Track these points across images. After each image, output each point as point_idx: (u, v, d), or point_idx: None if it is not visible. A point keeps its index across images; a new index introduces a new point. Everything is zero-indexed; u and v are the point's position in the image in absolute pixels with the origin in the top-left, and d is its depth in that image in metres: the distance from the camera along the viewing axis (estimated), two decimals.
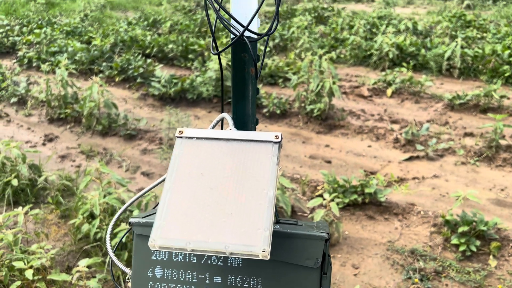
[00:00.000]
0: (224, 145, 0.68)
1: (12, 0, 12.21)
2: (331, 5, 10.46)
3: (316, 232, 0.68)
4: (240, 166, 0.66)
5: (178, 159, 0.68)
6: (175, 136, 0.70)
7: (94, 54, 6.06)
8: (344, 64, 6.43)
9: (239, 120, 0.77)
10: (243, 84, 0.76)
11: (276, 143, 0.67)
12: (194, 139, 0.69)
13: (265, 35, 0.73)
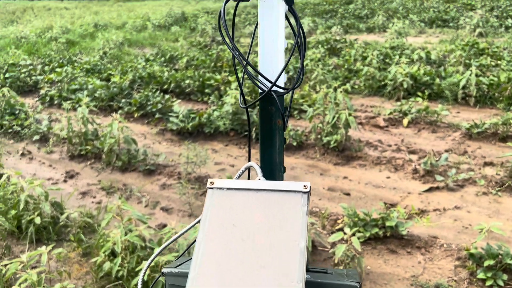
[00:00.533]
0: (254, 196, 0.70)
1: (35, 40, 12.73)
2: (344, 37, 10.62)
3: (348, 282, 0.69)
4: (271, 216, 0.68)
5: (210, 210, 0.70)
6: (207, 187, 0.73)
7: (113, 91, 6.23)
8: (359, 95, 6.48)
9: (266, 169, 0.80)
10: (270, 134, 0.79)
11: (305, 193, 0.69)
12: (225, 190, 0.72)
13: (291, 89, 0.76)
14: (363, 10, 16.02)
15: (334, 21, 14.37)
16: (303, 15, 16.67)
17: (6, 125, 5.45)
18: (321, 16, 16.27)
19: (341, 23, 13.66)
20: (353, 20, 14.23)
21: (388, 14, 14.65)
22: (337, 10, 16.92)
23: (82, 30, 14.75)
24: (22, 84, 7.38)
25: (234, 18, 0.85)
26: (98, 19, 18.16)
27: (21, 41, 12.81)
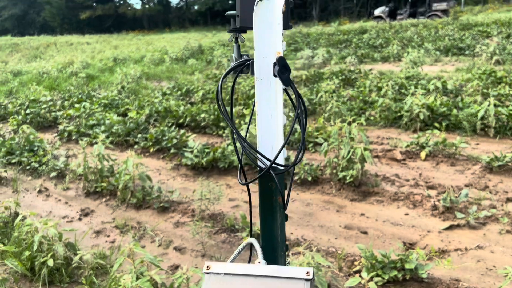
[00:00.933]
0: (254, 283, 0.66)
1: (56, 75, 13.11)
2: (358, 67, 10.65)
3: None
4: None
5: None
6: (203, 271, 0.69)
7: (130, 126, 6.31)
8: (375, 126, 6.42)
9: (267, 247, 0.76)
10: (271, 211, 0.76)
11: (308, 281, 0.65)
12: (222, 275, 0.68)
13: (291, 166, 0.74)
14: (377, 40, 16.12)
15: (349, 51, 14.46)
16: (317, 46, 16.86)
17: (24, 161, 5.54)
18: (336, 46, 16.41)
19: (355, 53, 13.74)
20: (368, 50, 14.31)
21: (402, 43, 14.70)
22: (352, 40, 17.06)
23: (101, 64, 15.17)
24: (42, 120, 7.55)
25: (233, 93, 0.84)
26: (118, 53, 18.68)
27: (43, 77, 13.21)
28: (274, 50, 0.78)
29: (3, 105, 8.79)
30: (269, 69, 0.78)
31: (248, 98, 8.00)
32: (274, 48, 0.78)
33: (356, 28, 21.29)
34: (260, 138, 0.75)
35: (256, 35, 0.80)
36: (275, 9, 0.78)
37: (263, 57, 0.77)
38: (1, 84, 12.75)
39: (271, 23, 0.78)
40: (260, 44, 0.79)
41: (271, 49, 0.78)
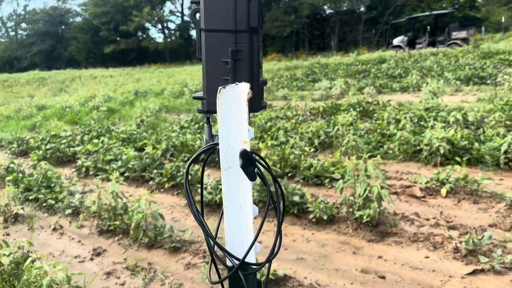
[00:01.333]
0: None
1: (78, 109, 13.43)
2: (376, 98, 10.56)
3: None
4: None
5: None
6: None
7: (145, 161, 6.33)
8: (393, 160, 6.27)
9: None
10: None
11: None
12: None
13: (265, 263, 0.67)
14: (396, 70, 16.05)
15: (367, 81, 14.42)
16: (335, 76, 16.88)
17: (41, 198, 5.58)
18: (354, 77, 16.39)
19: (374, 83, 13.67)
20: (386, 80, 14.23)
21: (422, 73, 14.58)
22: (370, 70, 17.03)
23: (123, 97, 15.50)
24: (61, 155, 7.66)
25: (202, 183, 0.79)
26: (139, 86, 19.08)
27: (66, 111, 13.55)
28: (240, 138, 0.73)
29: (26, 140, 8.99)
30: (236, 158, 0.73)
31: (264, 131, 7.97)
32: (240, 136, 0.73)
33: (375, 57, 21.30)
34: (228, 233, 0.69)
35: (220, 123, 0.75)
36: (240, 97, 0.73)
37: (229, 146, 0.72)
38: (26, 118, 13.12)
39: (236, 111, 0.73)
40: (225, 132, 0.74)
41: (237, 137, 0.73)
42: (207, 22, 0.81)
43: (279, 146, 6.94)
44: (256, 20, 0.80)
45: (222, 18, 0.80)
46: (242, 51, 0.80)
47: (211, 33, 0.81)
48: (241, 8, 0.79)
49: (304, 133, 7.35)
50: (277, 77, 18.84)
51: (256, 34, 0.80)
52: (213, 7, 0.80)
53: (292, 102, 10.68)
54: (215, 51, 0.82)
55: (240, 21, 0.79)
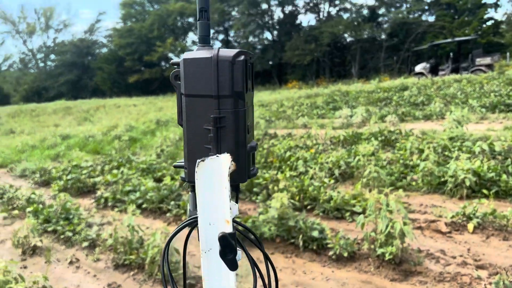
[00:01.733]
0: None
1: (100, 139, 13.65)
2: (399, 127, 10.37)
3: None
4: None
5: None
6: None
7: (163, 193, 6.30)
8: (417, 192, 6.06)
9: None
10: None
11: None
12: None
13: None
14: (419, 97, 15.83)
15: (389, 109, 14.24)
16: (356, 104, 16.76)
17: (59, 230, 5.58)
18: (375, 104, 16.24)
19: (396, 111, 13.49)
20: (409, 108, 14.03)
21: (445, 100, 14.33)
22: (392, 98, 16.85)
23: (144, 127, 15.71)
24: (81, 185, 7.72)
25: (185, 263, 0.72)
26: (161, 116, 19.35)
27: (89, 140, 13.78)
28: (222, 217, 0.66)
29: (48, 170, 9.12)
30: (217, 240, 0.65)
31: (283, 161, 7.87)
32: (221, 215, 0.66)
33: (397, 85, 21.11)
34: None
35: (199, 200, 0.68)
36: (221, 170, 0.67)
37: (210, 224, 0.65)
38: (50, 148, 13.39)
39: (217, 186, 0.66)
40: (204, 210, 0.67)
41: (219, 215, 0.65)
42: (187, 87, 0.76)
43: (298, 177, 6.82)
44: (240, 84, 0.74)
45: (203, 83, 0.75)
46: (226, 118, 0.74)
47: (191, 98, 0.76)
48: (223, 72, 0.74)
49: (324, 163, 7.22)
50: (297, 105, 18.84)
51: (241, 99, 0.75)
52: (194, 70, 0.75)
53: (312, 130, 10.59)
54: (196, 118, 0.76)
55: (222, 86, 0.74)
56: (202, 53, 0.76)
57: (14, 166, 11.00)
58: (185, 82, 0.76)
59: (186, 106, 0.77)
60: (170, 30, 48.70)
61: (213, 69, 0.74)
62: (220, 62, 0.74)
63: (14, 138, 17.53)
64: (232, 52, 0.75)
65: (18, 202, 7.03)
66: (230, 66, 0.74)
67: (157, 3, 49.98)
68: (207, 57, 0.75)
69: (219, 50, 0.75)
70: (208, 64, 0.74)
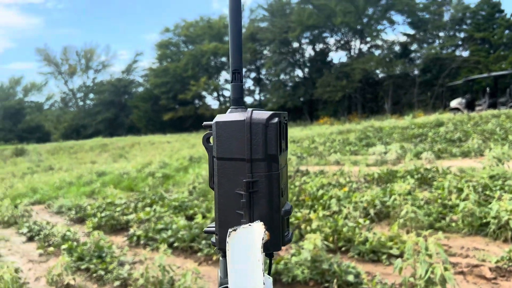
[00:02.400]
0: None
1: (135, 176, 13.91)
2: (435, 164, 10.07)
3: None
4: None
5: None
6: None
7: (194, 231, 6.27)
8: (457, 234, 5.77)
9: None
10: None
11: None
12: None
13: None
14: (455, 133, 15.41)
15: (424, 145, 13.89)
16: (390, 140, 16.47)
17: (92, 268, 5.61)
18: (410, 141, 15.90)
19: (432, 148, 13.14)
20: (445, 145, 13.65)
21: (484, 137, 13.88)
22: (427, 134, 16.48)
23: (177, 164, 15.92)
24: (115, 223, 7.81)
25: None
26: (194, 152, 19.61)
27: (123, 177, 14.07)
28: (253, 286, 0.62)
29: (83, 207, 9.31)
30: None
31: (316, 200, 7.73)
32: (253, 284, 0.62)
33: (432, 120, 20.68)
34: None
35: (230, 270, 0.65)
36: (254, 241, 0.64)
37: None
38: (86, 185, 13.73)
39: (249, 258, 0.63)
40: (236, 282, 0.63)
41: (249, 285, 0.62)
42: (219, 150, 0.75)
43: (331, 217, 6.66)
44: (274, 147, 0.72)
45: (236, 146, 0.73)
46: (259, 182, 0.72)
47: (223, 161, 0.74)
48: (256, 135, 0.72)
49: (359, 202, 7.03)
50: (329, 141, 18.70)
51: (275, 162, 0.72)
52: (226, 133, 0.74)
53: (345, 167, 10.42)
54: (228, 181, 0.74)
55: (256, 149, 0.72)
56: (235, 115, 0.75)
57: (52, 202, 11.31)
58: (217, 145, 0.75)
59: (218, 169, 0.75)
60: (204, 69, 50.17)
61: (246, 132, 0.73)
62: (253, 125, 0.73)
63: (52, 175, 18.13)
64: (265, 114, 0.73)
65: (54, 239, 7.16)
66: (264, 129, 0.72)
67: (192, 44, 51.86)
68: (240, 120, 0.74)
69: (252, 113, 0.74)
70: (241, 127, 0.73)
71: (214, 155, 0.76)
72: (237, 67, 0.80)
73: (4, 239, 8.10)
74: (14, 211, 9.63)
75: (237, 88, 0.81)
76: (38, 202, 12.11)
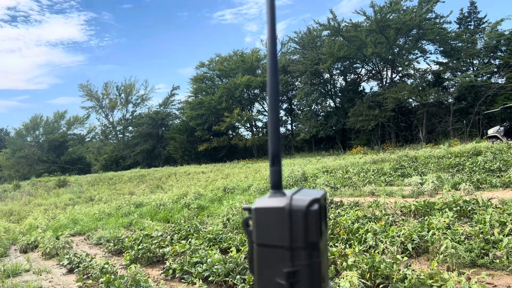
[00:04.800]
0: None
1: (171, 207, 14.12)
2: (475, 195, 9.74)
3: None
4: None
5: None
6: None
7: (229, 266, 6.29)
8: (502, 271, 5.53)
9: None
10: None
11: None
12: None
13: None
14: (494, 163, 14.88)
15: (462, 176, 13.46)
16: (426, 170, 16.09)
17: None
18: (447, 171, 15.47)
19: (470, 178, 12.72)
20: (484, 175, 13.18)
21: None
22: (465, 164, 15.99)
23: (212, 194, 16.08)
24: (151, 255, 7.94)
25: None
26: (228, 182, 19.76)
27: (160, 208, 14.31)
28: None
29: (121, 239, 9.52)
30: None
31: (352, 233, 7.61)
32: None
33: (469, 149, 20.07)
34: None
35: None
36: None
37: None
38: (124, 216, 14.05)
39: None
40: None
41: None
42: (259, 236, 0.74)
43: (368, 252, 6.53)
44: (315, 234, 0.71)
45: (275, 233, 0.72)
46: (300, 272, 0.71)
47: (263, 247, 0.73)
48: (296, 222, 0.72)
49: (396, 236, 6.87)
50: (363, 171, 18.43)
51: (316, 249, 0.71)
52: (266, 220, 0.73)
53: (380, 199, 10.23)
54: (268, 269, 0.73)
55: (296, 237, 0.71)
56: (274, 201, 0.75)
57: (91, 234, 11.62)
58: (257, 232, 0.74)
59: (257, 256, 0.74)
60: (237, 101, 51.04)
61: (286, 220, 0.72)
62: (293, 212, 0.72)
63: (92, 206, 18.67)
64: (305, 201, 0.73)
65: (92, 271, 7.34)
66: (304, 216, 0.72)
67: (225, 77, 53.05)
68: (280, 207, 0.73)
69: (292, 199, 0.73)
70: (280, 214, 0.72)
71: (254, 241, 0.75)
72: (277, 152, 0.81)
73: (46, 271, 8.37)
74: (56, 242, 9.96)
75: (276, 173, 0.81)
76: (79, 233, 12.47)
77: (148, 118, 58.79)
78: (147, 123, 58.02)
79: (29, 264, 9.06)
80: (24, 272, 8.52)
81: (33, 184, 36.31)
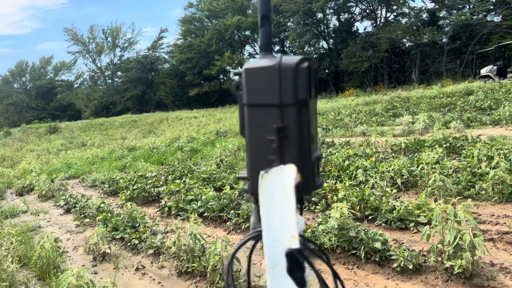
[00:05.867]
0: None
1: (164, 150, 14.17)
2: (464, 133, 9.86)
3: None
4: None
5: None
6: None
7: (223, 202, 6.42)
8: (487, 202, 5.72)
9: None
10: None
11: None
12: None
13: None
14: (485, 101, 14.95)
15: (453, 115, 13.56)
16: (418, 110, 16.16)
17: (126, 238, 5.85)
18: (438, 110, 15.55)
19: (461, 117, 12.82)
20: (475, 113, 13.28)
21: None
22: (456, 103, 16.06)
23: (205, 138, 16.12)
24: (146, 195, 8.07)
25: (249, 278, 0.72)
26: (220, 127, 19.75)
27: (153, 152, 14.38)
28: (287, 232, 0.65)
29: (116, 181, 9.62)
30: (283, 256, 0.64)
31: (342, 170, 7.74)
32: (287, 230, 0.64)
33: (461, 89, 20.08)
34: None
35: (263, 211, 0.67)
36: (286, 182, 0.66)
37: (273, 241, 0.65)
38: (118, 159, 14.12)
39: (281, 199, 0.65)
40: (268, 225, 0.66)
41: (284, 229, 0.64)
42: (249, 97, 0.74)
43: (358, 187, 6.68)
44: (304, 92, 0.71)
45: (265, 92, 0.72)
46: (289, 127, 0.71)
47: (254, 108, 0.74)
48: (286, 80, 0.71)
49: (385, 172, 7.01)
50: (355, 113, 18.49)
51: (305, 107, 0.71)
52: (256, 80, 0.73)
53: (371, 138, 10.33)
54: (259, 128, 0.73)
55: (286, 94, 0.71)
56: (264, 61, 0.74)
57: (85, 177, 11.72)
58: (247, 92, 0.74)
59: (248, 116, 0.75)
60: (228, 44, 49.83)
61: (275, 78, 0.72)
62: (283, 70, 0.71)
63: (85, 151, 18.69)
64: (295, 59, 0.72)
65: (89, 211, 7.48)
66: (294, 73, 0.71)
67: (215, 18, 51.40)
68: (269, 66, 0.72)
69: (281, 58, 0.72)
70: (270, 72, 0.72)
71: (245, 102, 0.75)
72: (266, 12, 0.78)
73: (44, 211, 8.52)
74: (51, 185, 10.05)
75: (266, 34, 0.79)
76: (73, 176, 12.58)
77: (136, 62, 57.47)
78: (136, 67, 56.80)
79: (26, 205, 9.19)
80: (22, 213, 8.67)
81: (24, 131, 36.10)
